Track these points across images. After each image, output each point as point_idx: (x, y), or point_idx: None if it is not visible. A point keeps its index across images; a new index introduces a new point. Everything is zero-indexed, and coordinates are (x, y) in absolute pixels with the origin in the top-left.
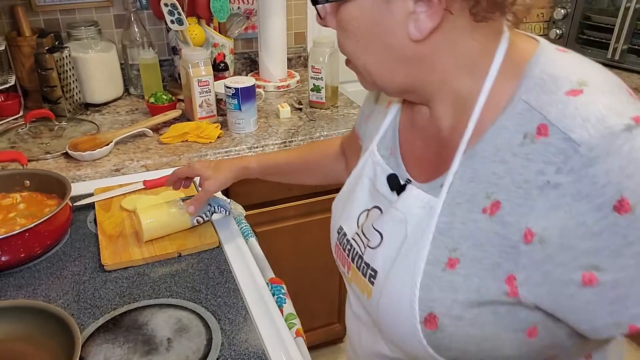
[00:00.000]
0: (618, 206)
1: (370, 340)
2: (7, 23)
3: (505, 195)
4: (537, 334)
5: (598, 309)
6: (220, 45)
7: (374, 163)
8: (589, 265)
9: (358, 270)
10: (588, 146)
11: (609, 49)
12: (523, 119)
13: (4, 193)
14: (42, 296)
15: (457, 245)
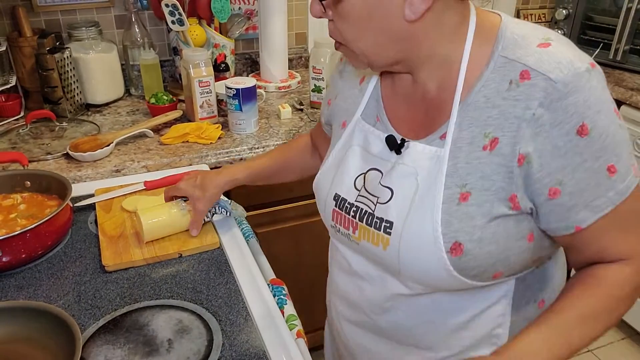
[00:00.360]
0: (580, 130)
1: (378, 291)
2: (8, 24)
3: (501, 132)
4: (533, 238)
5: (555, 215)
6: (221, 45)
7: (364, 131)
8: (556, 181)
9: (370, 227)
10: (563, 83)
11: (611, 49)
12: (505, 70)
13: (4, 194)
14: (42, 297)
15: (466, 182)
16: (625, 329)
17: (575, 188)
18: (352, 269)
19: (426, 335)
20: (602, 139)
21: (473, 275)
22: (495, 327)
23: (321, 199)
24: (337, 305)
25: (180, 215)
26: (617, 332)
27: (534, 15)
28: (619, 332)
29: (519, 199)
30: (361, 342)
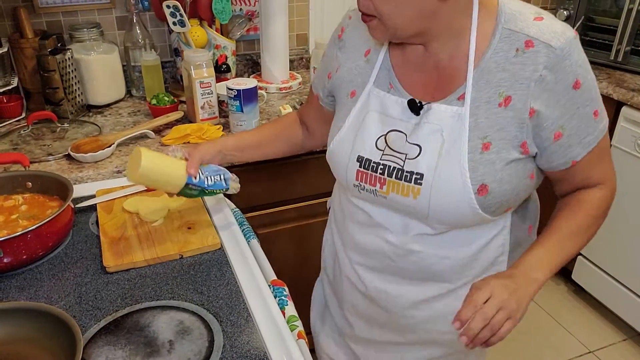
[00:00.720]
0: (575, 85)
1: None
2: (10, 25)
3: (513, 90)
4: (534, 176)
5: (557, 154)
6: (223, 47)
7: (379, 97)
8: (559, 126)
9: (400, 180)
10: (561, 49)
11: (612, 50)
12: (511, 40)
13: (6, 195)
14: (44, 298)
15: (486, 134)
16: (626, 330)
17: (572, 130)
18: (374, 221)
19: (443, 269)
20: (589, 90)
21: (492, 211)
22: (499, 256)
23: (342, 163)
24: (354, 257)
25: (178, 162)
26: (618, 334)
27: None
28: (620, 334)
29: (529, 145)
30: (381, 287)
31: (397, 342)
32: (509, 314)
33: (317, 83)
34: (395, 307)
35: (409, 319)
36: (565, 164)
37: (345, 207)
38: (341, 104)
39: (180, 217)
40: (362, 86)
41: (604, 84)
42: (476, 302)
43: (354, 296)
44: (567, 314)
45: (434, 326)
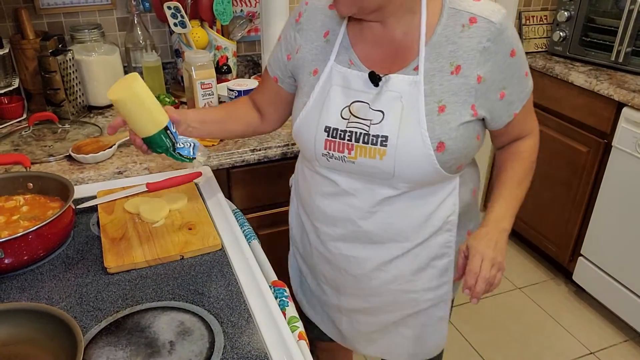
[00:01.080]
0: (512, 53)
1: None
2: (11, 26)
3: (462, 60)
4: (479, 138)
5: (503, 111)
6: (223, 47)
7: (341, 73)
8: (502, 87)
9: (366, 144)
10: (499, 23)
11: (613, 51)
12: (456, 17)
13: (7, 195)
14: (45, 299)
15: (441, 98)
16: (627, 331)
17: (512, 89)
18: (341, 189)
19: (403, 230)
20: (521, 56)
21: (448, 167)
22: (450, 215)
23: (310, 135)
24: (321, 227)
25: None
26: (619, 335)
27: (536, 17)
28: (621, 335)
29: (477, 107)
30: (347, 253)
31: (364, 308)
32: (499, 267)
33: (273, 66)
34: (362, 271)
35: (374, 281)
36: (509, 118)
37: (311, 180)
38: (303, 83)
39: (181, 217)
40: (324, 64)
41: (604, 85)
42: (475, 269)
43: (323, 265)
44: (568, 314)
45: (397, 286)
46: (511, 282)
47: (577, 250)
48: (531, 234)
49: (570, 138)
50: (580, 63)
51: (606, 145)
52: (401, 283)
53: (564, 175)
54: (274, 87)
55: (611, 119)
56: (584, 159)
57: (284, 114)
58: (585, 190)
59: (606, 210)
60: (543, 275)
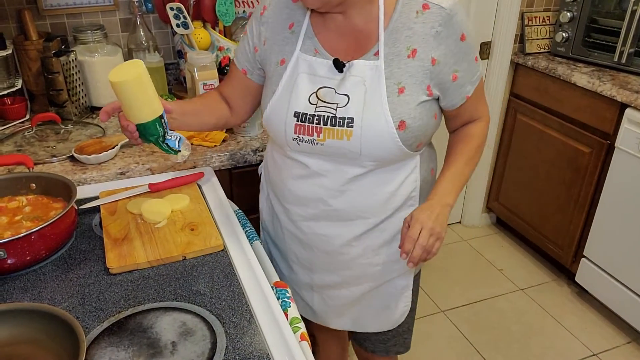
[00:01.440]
0: (462, 37)
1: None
2: (14, 27)
3: (417, 44)
4: (436, 117)
5: (456, 93)
6: (226, 48)
7: (307, 61)
8: (454, 70)
9: (334, 126)
10: (450, 9)
11: (616, 52)
12: (411, 5)
13: (10, 196)
14: (47, 299)
15: (400, 80)
16: (630, 333)
17: (464, 72)
18: (312, 171)
19: (370, 206)
20: (470, 41)
21: (409, 145)
22: (412, 191)
23: (280, 121)
24: (293, 209)
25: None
26: (622, 336)
27: (539, 17)
28: (623, 336)
29: (432, 87)
30: (319, 232)
31: (335, 283)
32: (437, 236)
33: (241, 59)
34: (333, 247)
35: (345, 256)
36: (462, 100)
37: (282, 165)
38: (271, 73)
39: (183, 218)
40: (290, 54)
41: (607, 86)
42: (413, 236)
43: (295, 246)
44: (571, 316)
45: (366, 260)
46: (513, 283)
47: (580, 252)
48: (533, 235)
49: (572, 139)
50: (583, 64)
51: (609, 146)
52: (369, 256)
53: (566, 176)
54: (243, 79)
55: (614, 120)
56: (587, 160)
57: (253, 106)
58: (588, 191)
59: (609, 211)
60: (545, 276)
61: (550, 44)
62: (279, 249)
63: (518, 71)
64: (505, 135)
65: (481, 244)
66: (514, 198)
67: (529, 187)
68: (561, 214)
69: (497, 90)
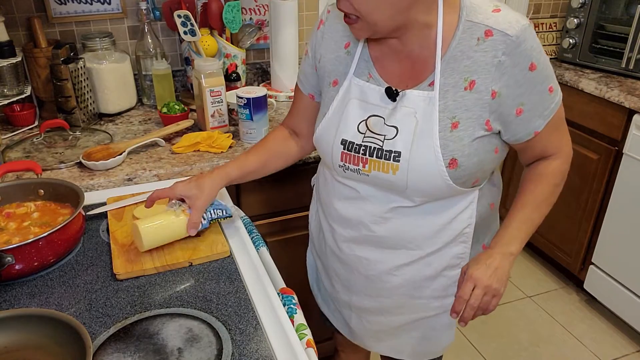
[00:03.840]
0: (530, 67)
1: (380, 206)
2: (24, 34)
3: (476, 75)
4: (498, 151)
5: (521, 127)
6: (233, 55)
7: (359, 86)
8: (519, 103)
9: (380, 159)
10: (516, 36)
11: (623, 58)
12: (472, 30)
13: (18, 202)
14: (54, 305)
15: (454, 114)
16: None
17: (532, 105)
18: (360, 195)
19: (415, 238)
20: (543, 70)
21: (462, 182)
22: (465, 227)
23: (327, 146)
24: (337, 228)
25: (179, 221)
26: (632, 344)
27: (545, 24)
28: (633, 344)
29: (492, 122)
30: (359, 254)
31: (374, 308)
32: (493, 294)
33: (305, 84)
34: (373, 272)
35: (385, 284)
36: (529, 135)
37: (331, 184)
38: (324, 92)
39: None
40: (344, 76)
41: (615, 92)
42: (465, 296)
43: (336, 264)
44: (579, 324)
45: (407, 291)
46: (521, 290)
47: (588, 259)
48: (541, 242)
49: (580, 145)
50: (590, 70)
51: (617, 153)
52: (410, 289)
53: (574, 183)
54: (311, 105)
55: (622, 126)
56: (595, 166)
57: None
58: (596, 198)
59: (617, 218)
60: (554, 283)
61: (557, 50)
62: (322, 263)
63: None
64: None
65: None
66: None
67: None
68: (569, 221)
69: None
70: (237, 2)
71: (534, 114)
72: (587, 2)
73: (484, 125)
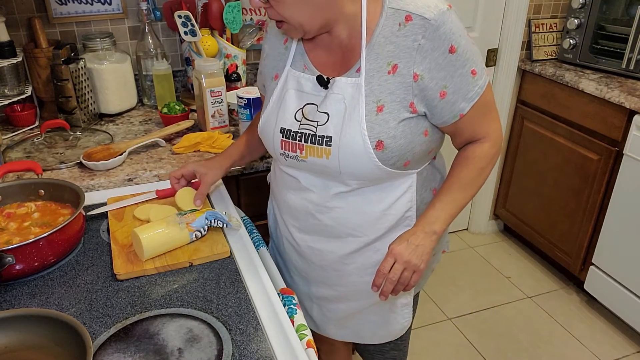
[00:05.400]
0: (450, 49)
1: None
2: (25, 35)
3: (398, 59)
4: (428, 133)
5: (446, 110)
6: (233, 56)
7: (296, 77)
8: (442, 86)
9: (314, 144)
10: (434, 20)
11: (624, 58)
12: (394, 17)
13: (19, 202)
14: (55, 305)
15: (379, 98)
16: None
17: (455, 88)
18: (302, 185)
19: (360, 224)
20: (464, 53)
21: (391, 164)
22: (407, 211)
23: (269, 136)
24: (289, 220)
25: (179, 230)
26: (632, 345)
27: (546, 24)
28: (633, 345)
29: (416, 104)
30: (312, 245)
31: (332, 296)
32: (413, 269)
33: (260, 85)
34: (327, 262)
35: (339, 272)
36: (454, 117)
37: (279, 176)
38: (267, 87)
39: None
40: (282, 69)
41: (615, 93)
42: (384, 270)
43: (293, 255)
44: (579, 324)
45: (360, 278)
46: (521, 291)
47: (589, 259)
48: (541, 242)
49: (580, 146)
50: (591, 70)
51: (617, 153)
52: (363, 275)
53: (574, 183)
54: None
55: (622, 127)
56: (595, 167)
57: None
58: (596, 198)
59: (617, 218)
60: (554, 284)
61: (557, 50)
62: (282, 258)
63: (525, 78)
64: (513, 142)
65: (488, 251)
66: (521, 205)
67: (536, 194)
68: (569, 221)
69: (504, 97)
70: (237, 3)
71: (458, 97)
72: (588, 2)
73: (408, 107)
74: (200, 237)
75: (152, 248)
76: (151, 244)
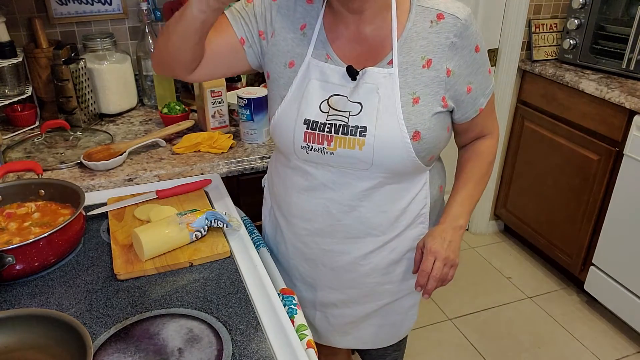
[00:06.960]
0: (476, 49)
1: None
2: (25, 35)
3: (432, 54)
4: (449, 129)
5: (469, 105)
6: None
7: (319, 67)
8: (469, 82)
9: (346, 135)
10: (465, 19)
11: (624, 59)
12: (424, 14)
13: (19, 202)
14: (55, 305)
15: (414, 90)
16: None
17: (478, 84)
18: (318, 182)
19: (380, 224)
20: (484, 53)
21: (423, 157)
22: (422, 208)
23: (288, 128)
24: (300, 224)
25: (178, 230)
26: (632, 345)
27: (546, 25)
28: (634, 345)
29: (447, 99)
30: (325, 247)
31: (339, 301)
32: (451, 264)
33: (242, 24)
34: (339, 264)
35: (352, 274)
36: (475, 112)
37: (288, 178)
38: (278, 74)
39: None
40: (301, 57)
41: (615, 93)
42: (427, 269)
43: (299, 261)
44: (580, 325)
45: (373, 279)
46: (522, 291)
47: (589, 260)
48: (541, 242)
49: (581, 146)
50: (591, 71)
51: (617, 154)
52: (377, 276)
53: (575, 184)
54: (236, 45)
55: (622, 127)
56: (595, 167)
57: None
58: (597, 198)
59: (618, 218)
60: (554, 284)
61: (557, 51)
62: (281, 265)
63: (525, 78)
64: (513, 143)
65: (489, 252)
66: (521, 205)
67: (536, 195)
68: (569, 221)
69: (504, 98)
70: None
71: (479, 92)
72: (588, 2)
73: (440, 101)
74: (200, 237)
75: (152, 248)
76: (151, 244)
